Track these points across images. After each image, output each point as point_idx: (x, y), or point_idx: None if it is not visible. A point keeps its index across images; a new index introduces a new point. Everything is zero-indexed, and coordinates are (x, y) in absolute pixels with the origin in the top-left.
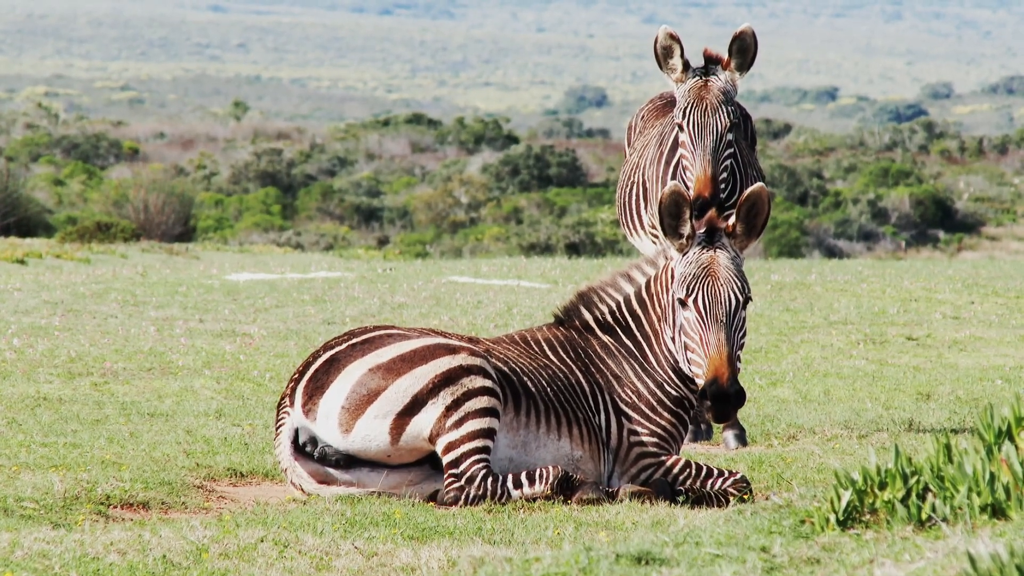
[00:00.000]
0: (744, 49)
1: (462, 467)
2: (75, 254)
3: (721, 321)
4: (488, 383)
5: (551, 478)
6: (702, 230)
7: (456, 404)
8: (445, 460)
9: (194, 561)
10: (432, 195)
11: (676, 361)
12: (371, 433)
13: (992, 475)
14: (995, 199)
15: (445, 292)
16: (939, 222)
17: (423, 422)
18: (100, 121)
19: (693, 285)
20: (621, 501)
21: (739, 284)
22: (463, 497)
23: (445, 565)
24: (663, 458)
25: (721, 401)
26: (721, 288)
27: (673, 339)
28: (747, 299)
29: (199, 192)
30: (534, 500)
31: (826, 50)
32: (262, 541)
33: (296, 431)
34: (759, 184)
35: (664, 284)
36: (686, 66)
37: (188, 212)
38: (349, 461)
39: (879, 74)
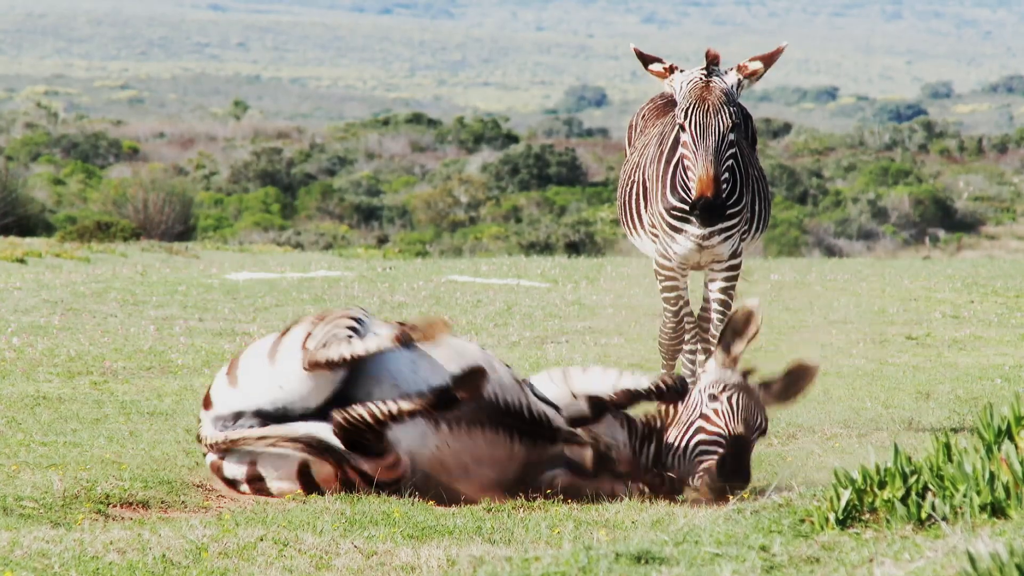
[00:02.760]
0: None
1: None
2: (75, 253)
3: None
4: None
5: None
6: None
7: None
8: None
9: (194, 560)
10: (432, 194)
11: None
12: (251, 370)
13: (992, 474)
14: (995, 198)
15: (445, 291)
16: (939, 221)
17: (296, 333)
18: (100, 120)
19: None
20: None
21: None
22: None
23: (445, 564)
24: None
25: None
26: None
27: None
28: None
29: (199, 191)
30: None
31: (826, 49)
32: (262, 540)
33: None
34: (816, 363)
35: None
36: (670, 69)
37: (188, 211)
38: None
39: (879, 73)
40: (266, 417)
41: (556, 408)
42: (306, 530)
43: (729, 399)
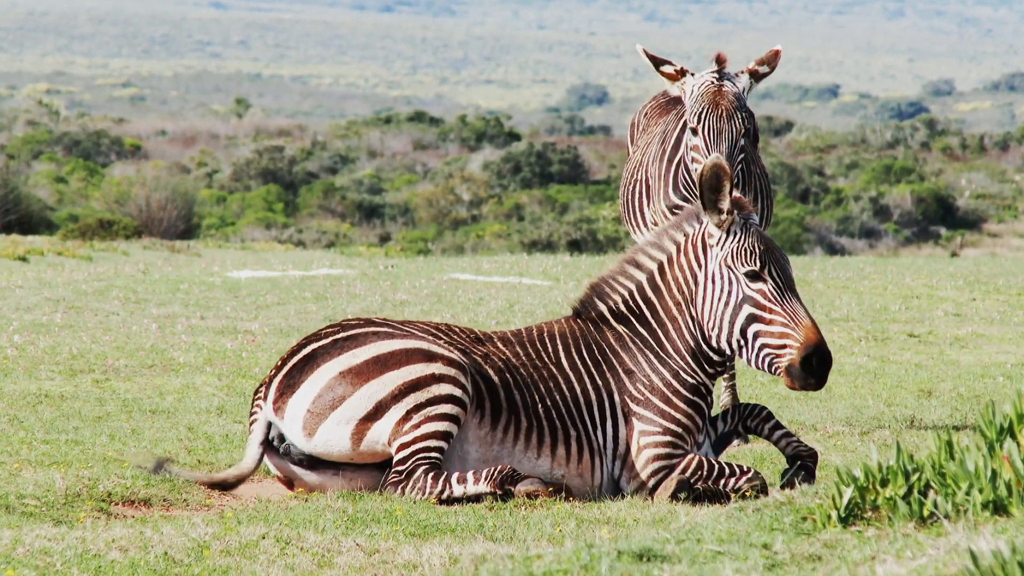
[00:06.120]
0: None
1: (407, 464)
2: (77, 251)
3: (795, 290)
4: (456, 391)
5: (495, 475)
6: (736, 212)
7: (417, 409)
8: (395, 459)
9: (196, 558)
10: (434, 192)
11: (695, 344)
12: (332, 438)
13: (994, 472)
14: (996, 196)
15: (447, 289)
16: (940, 219)
17: (383, 427)
18: (101, 118)
19: (766, 259)
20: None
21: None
22: (399, 492)
23: (447, 562)
24: (675, 460)
25: (826, 365)
26: (786, 261)
27: (706, 316)
28: None
29: (201, 189)
30: (478, 498)
31: (828, 47)
32: (264, 538)
33: (268, 425)
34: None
35: (688, 263)
36: (680, 72)
37: (190, 209)
38: (313, 462)
39: (881, 71)
40: (312, 458)
41: None
42: (308, 528)
43: (770, 272)
